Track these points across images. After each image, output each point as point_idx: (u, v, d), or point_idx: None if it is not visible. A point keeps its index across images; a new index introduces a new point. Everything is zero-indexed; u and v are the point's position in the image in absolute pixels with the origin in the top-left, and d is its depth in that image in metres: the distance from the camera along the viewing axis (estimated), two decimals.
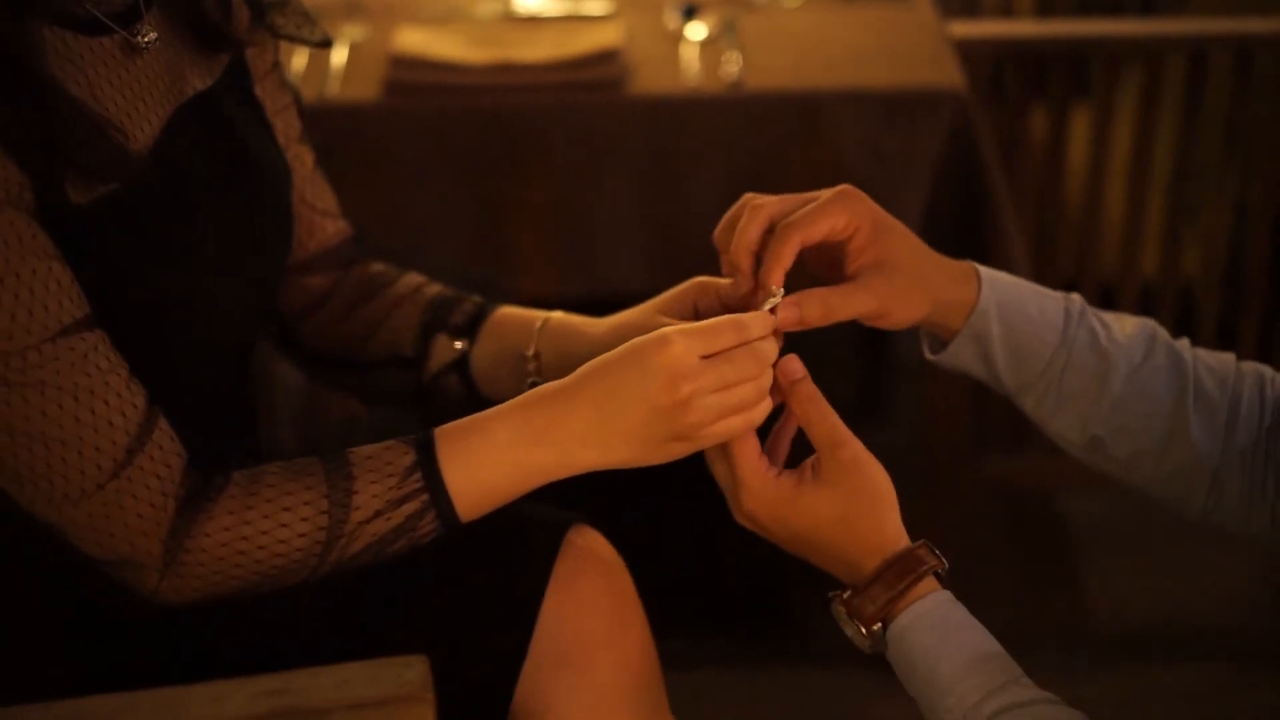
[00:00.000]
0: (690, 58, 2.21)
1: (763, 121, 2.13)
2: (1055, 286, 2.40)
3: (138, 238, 1.16)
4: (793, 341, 1.23)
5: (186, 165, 1.22)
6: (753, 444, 1.18)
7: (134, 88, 1.20)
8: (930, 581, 1.16)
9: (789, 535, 1.19)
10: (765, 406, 1.18)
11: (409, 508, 1.17)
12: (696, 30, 2.28)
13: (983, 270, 1.27)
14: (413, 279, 1.48)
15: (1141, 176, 2.40)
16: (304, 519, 1.16)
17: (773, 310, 1.20)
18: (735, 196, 2.12)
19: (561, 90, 2.13)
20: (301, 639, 1.21)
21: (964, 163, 2.14)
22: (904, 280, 1.24)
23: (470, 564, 1.21)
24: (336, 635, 1.21)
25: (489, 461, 1.17)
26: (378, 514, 1.17)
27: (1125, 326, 1.29)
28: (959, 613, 1.15)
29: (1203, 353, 1.29)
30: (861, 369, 3.04)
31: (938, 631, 1.14)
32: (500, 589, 1.22)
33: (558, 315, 1.41)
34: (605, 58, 2.16)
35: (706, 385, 1.14)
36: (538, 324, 1.40)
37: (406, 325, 1.44)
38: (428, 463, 1.17)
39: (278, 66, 1.39)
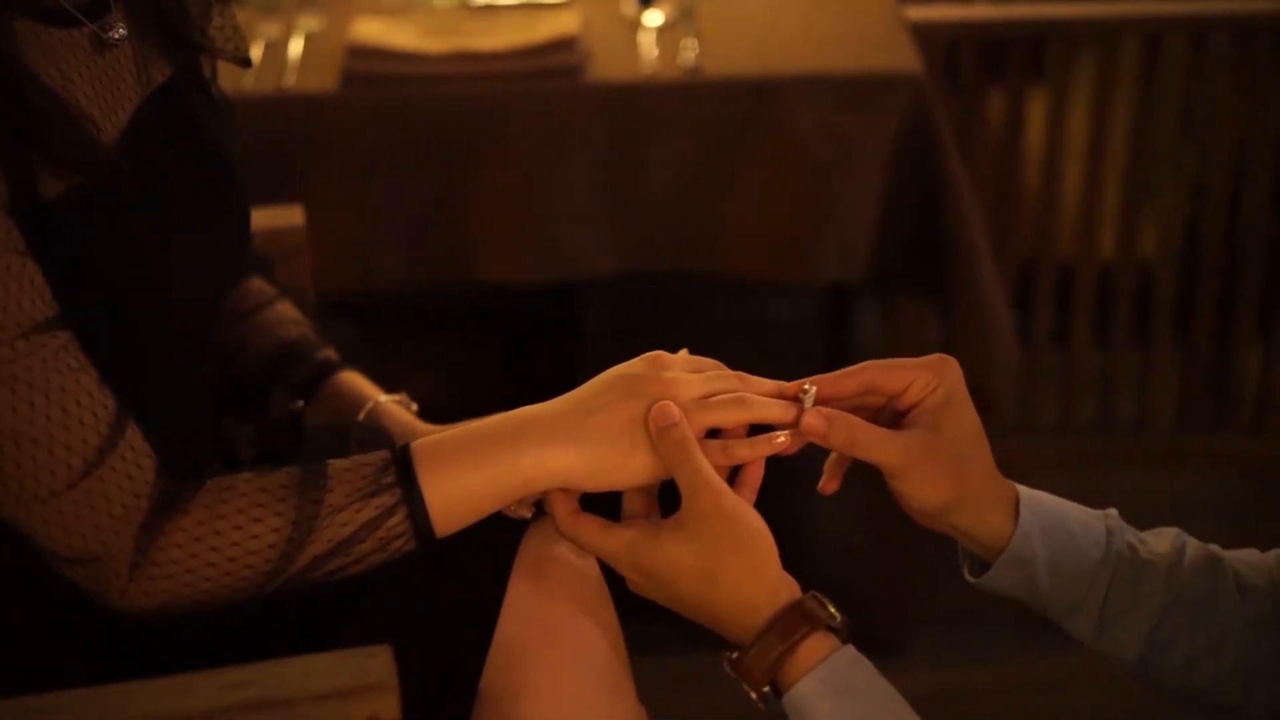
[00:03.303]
0: (648, 44, 2.21)
1: (721, 106, 2.14)
2: (1014, 269, 2.46)
3: (105, 229, 1.16)
4: (767, 331, 1.23)
5: (152, 156, 1.22)
6: (566, 497, 1.16)
7: (103, 80, 1.20)
8: (824, 639, 1.09)
9: (657, 589, 1.14)
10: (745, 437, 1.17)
11: (381, 500, 1.17)
12: (654, 17, 2.28)
13: (1023, 492, 1.21)
14: (279, 312, 1.51)
15: (1098, 158, 2.41)
16: (277, 514, 1.16)
17: (796, 415, 1.15)
18: (695, 181, 2.15)
19: (520, 78, 2.13)
20: (265, 631, 1.21)
21: (921, 146, 2.14)
22: (943, 457, 1.15)
23: (434, 550, 1.21)
24: (300, 626, 1.21)
25: (463, 459, 1.17)
26: (349, 502, 1.17)
27: (1158, 538, 1.23)
28: (864, 675, 1.08)
29: (1234, 551, 1.23)
30: (826, 350, 3.05)
31: (840, 700, 1.07)
32: (464, 574, 1.22)
33: (387, 403, 1.45)
34: (563, 45, 2.16)
35: (694, 382, 1.17)
36: (365, 408, 1.45)
37: (254, 364, 1.49)
38: (402, 459, 1.18)
39: (215, 78, 1.38)
